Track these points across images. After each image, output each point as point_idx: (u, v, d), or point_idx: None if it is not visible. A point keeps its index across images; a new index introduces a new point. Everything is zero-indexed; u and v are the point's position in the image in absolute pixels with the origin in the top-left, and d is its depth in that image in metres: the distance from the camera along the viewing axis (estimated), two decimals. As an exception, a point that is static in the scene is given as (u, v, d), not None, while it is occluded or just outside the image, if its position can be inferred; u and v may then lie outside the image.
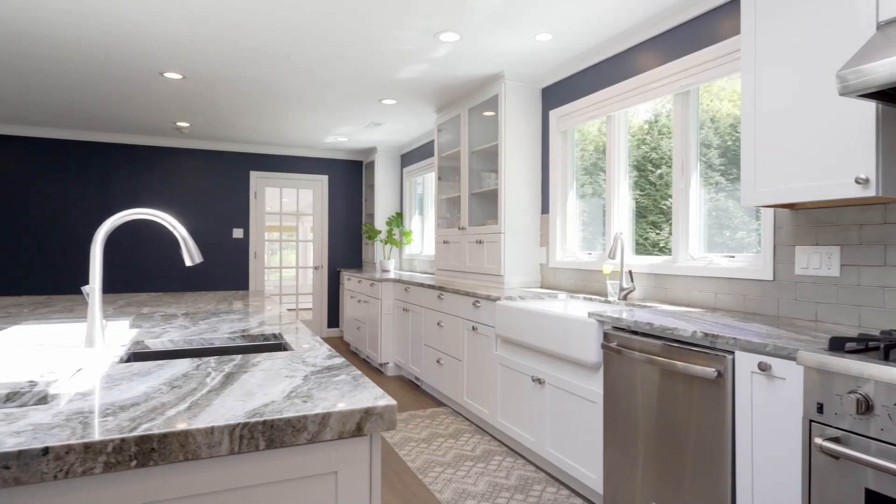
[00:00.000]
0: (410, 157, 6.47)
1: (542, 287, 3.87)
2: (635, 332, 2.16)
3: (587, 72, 3.47)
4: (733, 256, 2.50)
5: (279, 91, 4.33)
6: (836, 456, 1.37)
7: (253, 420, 0.85)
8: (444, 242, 4.69)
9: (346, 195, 7.28)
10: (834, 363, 1.39)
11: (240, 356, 1.34)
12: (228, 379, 1.12)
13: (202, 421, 0.84)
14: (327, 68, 3.77)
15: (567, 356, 2.50)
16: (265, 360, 1.30)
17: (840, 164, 1.71)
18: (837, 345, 1.47)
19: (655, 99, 2.92)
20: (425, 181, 6.22)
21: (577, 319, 2.43)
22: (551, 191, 3.78)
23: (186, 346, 1.68)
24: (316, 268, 7.14)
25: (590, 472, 2.40)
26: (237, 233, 6.69)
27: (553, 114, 3.78)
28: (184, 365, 1.24)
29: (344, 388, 1.05)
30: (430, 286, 4.15)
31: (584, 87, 3.50)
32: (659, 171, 3.04)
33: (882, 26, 1.59)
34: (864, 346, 1.51)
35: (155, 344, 1.64)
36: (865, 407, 1.32)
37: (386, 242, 6.39)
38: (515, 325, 2.92)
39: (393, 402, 0.97)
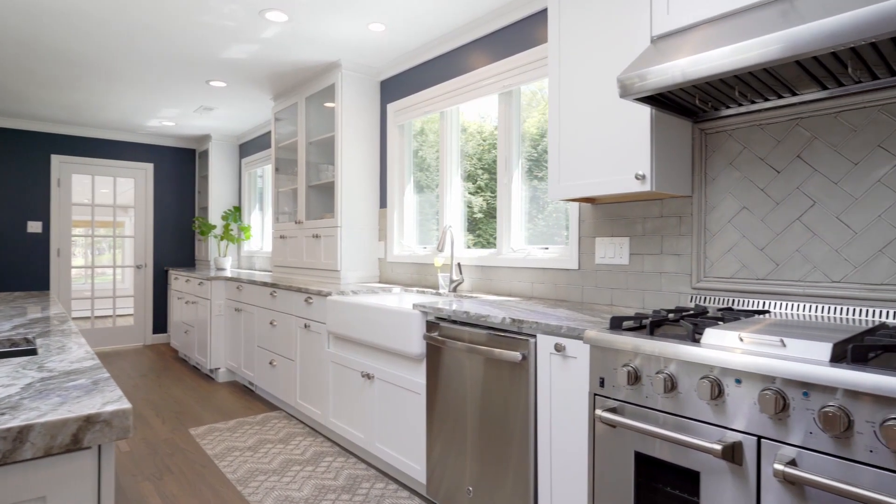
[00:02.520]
0: (250, 147, 6.04)
1: (380, 282, 3.82)
2: (454, 322, 2.19)
3: (423, 67, 3.50)
4: (548, 248, 2.68)
5: (89, 62, 3.73)
6: (612, 425, 1.49)
7: None
8: (282, 237, 4.43)
9: (175, 186, 6.57)
10: (610, 340, 1.52)
11: (-51, 365, 1.07)
12: None
13: None
14: (143, 39, 3.32)
15: (393, 349, 2.47)
16: (-17, 368, 1.05)
17: (624, 163, 1.90)
18: (616, 323, 1.61)
19: (484, 97, 3.03)
20: (266, 173, 5.85)
21: (401, 312, 2.41)
22: (389, 185, 3.76)
23: None
24: (139, 267, 6.33)
25: (415, 463, 2.40)
26: (33, 226, 5.68)
27: (391, 107, 3.76)
28: None
29: (72, 395, 0.87)
30: (262, 283, 3.88)
31: (419, 81, 3.53)
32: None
33: (655, 40, 1.79)
34: (639, 325, 1.68)
35: None
36: (635, 378, 1.46)
37: (222, 238, 5.89)
38: (346, 321, 2.83)
39: (125, 406, 0.82)
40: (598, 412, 1.50)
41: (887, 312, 1.56)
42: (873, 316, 1.59)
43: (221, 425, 3.43)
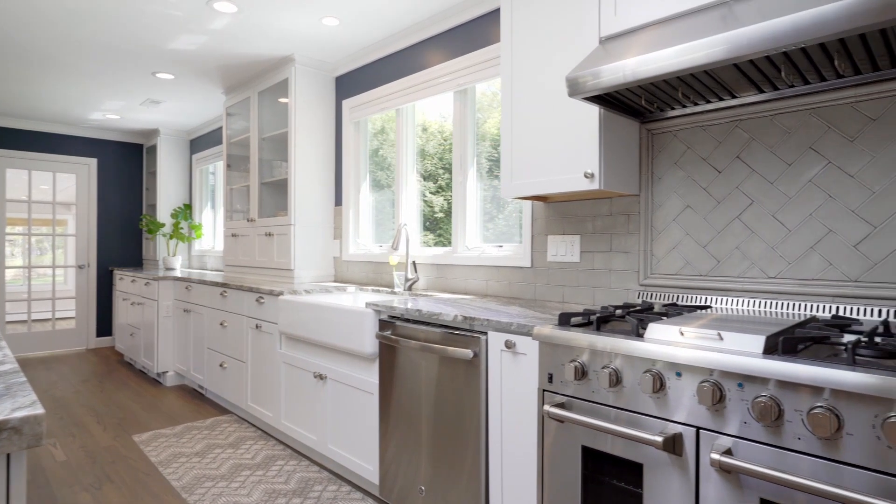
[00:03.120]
0: (201, 143, 5.84)
1: (335, 281, 3.76)
2: (407, 320, 2.17)
3: (378, 63, 3.47)
4: (502, 246, 2.70)
5: (23, 48, 3.51)
6: (560, 420, 1.50)
7: None
8: (233, 236, 4.30)
9: (121, 182, 6.28)
10: (558, 336, 1.53)
11: None
12: None
13: None
14: (82, 26, 3.15)
15: (346, 348, 2.43)
16: None
17: (574, 161, 1.92)
18: (565, 320, 1.63)
19: (439, 94, 3.02)
20: (218, 170, 5.67)
21: (353, 310, 2.37)
22: (344, 182, 3.70)
23: None
24: (81, 267, 6.03)
25: (368, 464, 2.37)
26: (-37, 224, 5.32)
27: (346, 103, 3.70)
28: None
29: (-21, 400, 0.81)
30: (212, 283, 3.75)
31: (375, 78, 3.49)
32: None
33: (604, 41, 1.82)
34: (587, 321, 1.71)
35: None
36: (582, 373, 1.48)
37: (171, 237, 5.68)
38: (298, 321, 2.77)
39: (38, 411, 0.77)
40: (546, 407, 1.52)
41: (818, 306, 1.64)
42: (806, 310, 1.66)
43: (168, 431, 3.30)
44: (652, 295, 2.03)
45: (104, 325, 6.18)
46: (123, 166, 6.31)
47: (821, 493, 1.01)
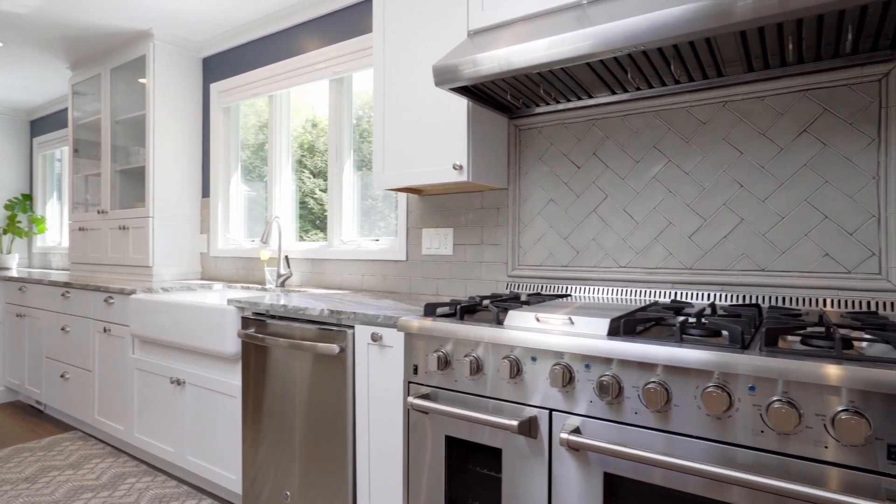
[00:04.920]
0: (45, 125, 5.12)
1: (202, 278, 3.47)
2: (272, 317, 2.05)
3: (250, 46, 3.25)
4: (378, 240, 2.64)
5: None
6: (425, 411, 1.48)
7: None
8: (81, 230, 3.81)
9: (-62, 167, 5.31)
10: (422, 326, 1.51)
11: None
12: None
13: None
14: None
15: (207, 349, 2.24)
16: None
17: (444, 153, 1.92)
18: (430, 311, 1.61)
19: (315, 82, 2.90)
20: (66, 156, 5.00)
21: (213, 308, 2.19)
22: (213, 172, 3.43)
23: None
24: None
25: (231, 474, 2.20)
26: None
27: (214, 87, 3.43)
28: None
29: None
30: (51, 283, 3.29)
31: (247, 61, 3.27)
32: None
33: (472, 34, 1.84)
34: (453, 311, 1.71)
35: None
36: (445, 363, 1.47)
37: (6, 232, 4.91)
38: (153, 322, 2.50)
39: None
40: (411, 399, 1.49)
41: (661, 293, 1.78)
42: (651, 296, 1.80)
43: (-9, 455, 2.83)
44: (519, 286, 2.09)
45: (-86, 336, 5.19)
46: (-59, 148, 5.34)
47: (653, 462, 1.08)
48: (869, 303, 1.48)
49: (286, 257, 2.84)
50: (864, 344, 1.14)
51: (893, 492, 0.91)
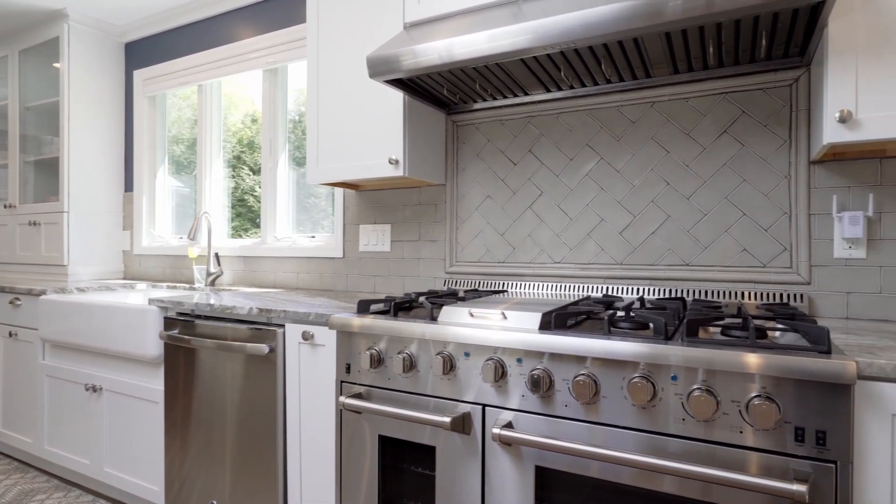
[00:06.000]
0: (-57, 111, 4.64)
1: (125, 277, 3.26)
2: (198, 317, 1.94)
3: (178, 32, 3.08)
4: (314, 236, 2.57)
5: None
6: (357, 411, 1.44)
7: None
8: (-15, 225, 3.48)
9: None
10: (354, 323, 1.47)
11: None
12: None
13: None
14: None
15: (126, 353, 2.09)
16: None
17: (380, 147, 1.88)
18: (364, 307, 1.57)
19: (247, 72, 2.78)
20: (-31, 145, 4.57)
21: (133, 308, 2.05)
22: (136, 165, 3.22)
23: None
24: None
25: (153, 484, 2.07)
26: None
27: (139, 75, 3.23)
28: None
29: None
30: (-51, 284, 2.98)
31: (174, 48, 3.09)
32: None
33: (407, 27, 1.81)
34: (388, 308, 1.67)
35: None
36: (378, 361, 1.44)
37: None
38: (66, 324, 2.32)
39: None
40: (342, 399, 1.44)
41: (594, 288, 1.82)
42: (584, 291, 1.83)
43: None
44: (457, 282, 2.08)
45: None
46: None
47: (579, 453, 1.09)
48: (782, 295, 1.57)
49: (216, 255, 2.70)
50: (777, 333, 1.20)
51: (801, 472, 0.96)
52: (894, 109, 1.20)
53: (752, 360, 0.98)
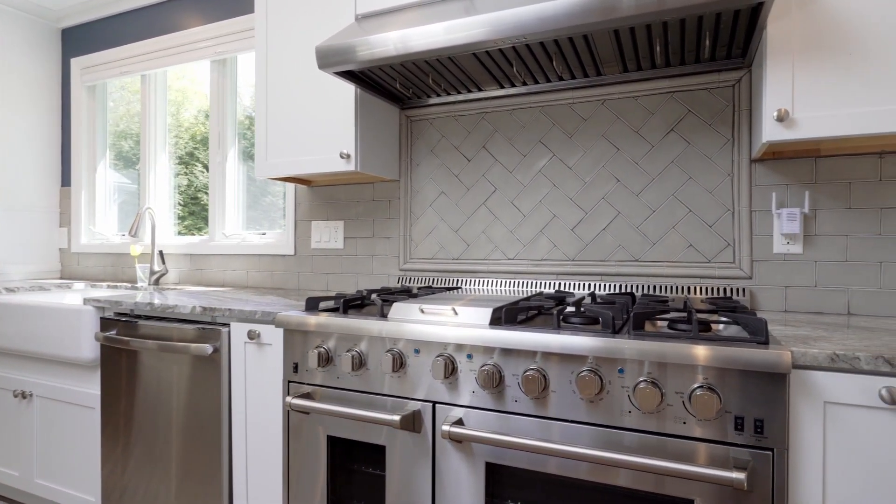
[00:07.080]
0: None
1: (62, 277, 3.08)
2: (138, 317, 1.84)
3: (120, 18, 2.93)
4: (265, 233, 2.49)
5: None
6: (305, 411, 1.40)
7: None
8: None
9: None
10: (301, 321, 1.42)
11: None
12: None
13: None
14: None
15: (59, 356, 1.97)
16: None
17: (331, 141, 1.84)
18: (312, 305, 1.53)
19: (194, 62, 2.67)
20: None
21: (66, 309, 1.93)
22: (74, 158, 3.05)
23: None
24: None
25: (89, 495, 1.95)
26: None
27: (77, 63, 3.05)
28: None
29: None
30: None
31: (115, 35, 2.94)
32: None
33: (359, 18, 1.77)
34: (338, 306, 1.63)
35: None
36: (326, 359, 1.40)
37: None
38: (-8, 327, 2.16)
39: None
40: (289, 399, 1.40)
41: (547, 283, 1.83)
42: (537, 287, 1.84)
43: None
44: (411, 279, 2.06)
45: None
46: None
47: (527, 448, 1.08)
48: (726, 289, 1.62)
49: (161, 252, 2.59)
50: (721, 326, 1.23)
51: (740, 460, 0.98)
52: (828, 109, 1.25)
53: (695, 351, 1.00)
